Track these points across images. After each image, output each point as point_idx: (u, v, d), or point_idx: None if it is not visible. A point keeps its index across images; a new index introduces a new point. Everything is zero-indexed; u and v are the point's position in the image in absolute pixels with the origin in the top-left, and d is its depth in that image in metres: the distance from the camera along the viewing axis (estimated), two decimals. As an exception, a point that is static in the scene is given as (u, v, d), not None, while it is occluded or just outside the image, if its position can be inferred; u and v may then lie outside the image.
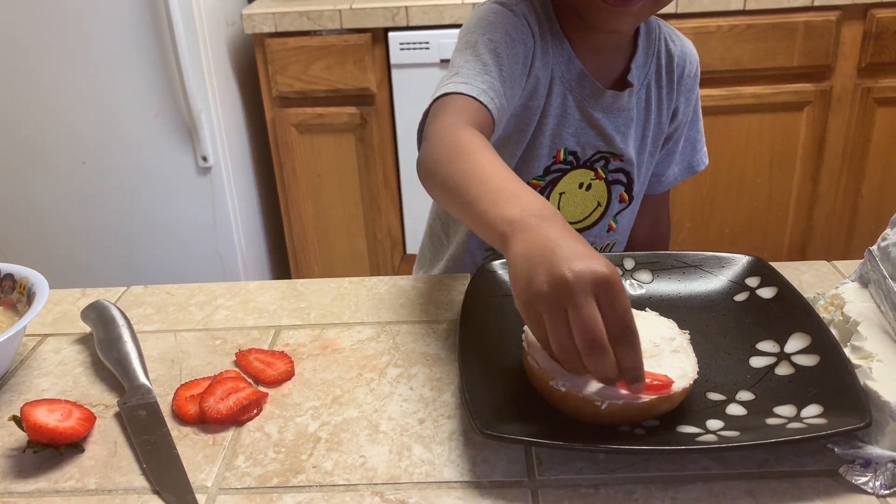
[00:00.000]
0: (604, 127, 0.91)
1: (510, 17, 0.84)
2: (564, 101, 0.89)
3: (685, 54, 0.96)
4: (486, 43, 0.81)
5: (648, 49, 0.93)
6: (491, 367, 0.64)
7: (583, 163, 0.92)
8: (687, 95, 0.98)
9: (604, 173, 0.94)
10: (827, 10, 1.86)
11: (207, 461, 0.59)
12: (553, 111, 0.89)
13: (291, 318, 0.78)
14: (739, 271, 0.74)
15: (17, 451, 0.61)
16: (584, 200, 0.95)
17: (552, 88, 0.88)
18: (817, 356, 0.62)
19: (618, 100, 0.90)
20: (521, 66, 0.83)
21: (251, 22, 1.88)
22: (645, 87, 0.93)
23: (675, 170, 1.03)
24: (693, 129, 1.03)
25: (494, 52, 0.80)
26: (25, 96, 1.81)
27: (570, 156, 0.92)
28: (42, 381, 0.70)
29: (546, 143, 0.90)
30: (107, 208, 1.93)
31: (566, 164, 0.92)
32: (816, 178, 2.03)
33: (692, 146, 1.03)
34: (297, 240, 2.12)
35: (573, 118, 0.90)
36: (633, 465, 0.57)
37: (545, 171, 0.92)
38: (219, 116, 1.87)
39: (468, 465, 0.58)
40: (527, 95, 0.87)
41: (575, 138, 0.91)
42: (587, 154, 0.92)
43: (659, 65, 0.94)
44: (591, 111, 0.90)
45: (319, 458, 0.59)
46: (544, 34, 0.86)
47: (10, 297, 0.75)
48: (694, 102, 1.01)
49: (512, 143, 0.90)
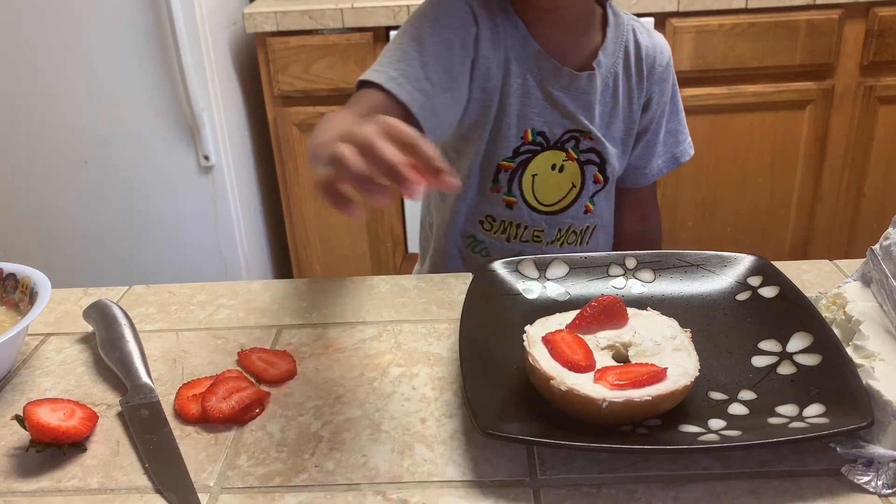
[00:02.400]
0: (566, 105, 0.92)
1: (444, 3, 0.87)
2: (525, 81, 0.91)
3: (655, 46, 0.98)
4: (412, 31, 0.86)
5: (616, 40, 0.95)
6: (492, 367, 0.64)
7: (553, 144, 0.94)
8: (661, 86, 0.99)
9: (575, 153, 0.95)
10: (829, 8, 1.85)
11: (210, 460, 0.59)
12: (515, 91, 0.91)
13: (293, 318, 0.79)
14: (742, 271, 0.74)
15: (19, 450, 0.61)
16: (559, 182, 0.97)
17: (509, 69, 0.90)
18: (819, 355, 0.62)
19: (576, 80, 0.92)
20: (457, 50, 0.86)
21: (253, 21, 1.88)
22: (612, 76, 0.95)
23: (658, 162, 1.04)
24: (674, 120, 1.04)
25: (417, 39, 0.84)
26: (28, 96, 1.81)
27: (538, 136, 0.93)
28: (44, 380, 0.70)
29: (513, 124, 0.92)
30: (109, 207, 1.93)
31: (535, 144, 0.94)
32: (818, 177, 2.03)
33: (674, 138, 1.04)
34: (298, 239, 2.12)
35: (536, 98, 0.92)
36: (635, 464, 0.57)
37: (514, 152, 0.94)
38: (220, 115, 1.87)
39: (470, 464, 0.58)
40: (481, 78, 0.89)
41: (541, 118, 0.93)
42: (556, 134, 0.94)
43: (627, 55, 0.96)
44: (552, 90, 0.92)
45: (321, 458, 0.59)
46: (494, 16, 0.89)
47: (12, 296, 0.75)
48: (670, 94, 1.02)
49: (479, 126, 0.93)
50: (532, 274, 0.76)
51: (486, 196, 0.97)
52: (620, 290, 0.75)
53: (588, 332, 0.65)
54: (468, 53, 0.87)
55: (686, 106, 1.96)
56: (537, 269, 0.77)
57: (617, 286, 0.76)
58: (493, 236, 0.99)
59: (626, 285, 0.76)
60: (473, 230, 0.99)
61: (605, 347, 0.63)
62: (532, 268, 0.77)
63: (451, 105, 0.87)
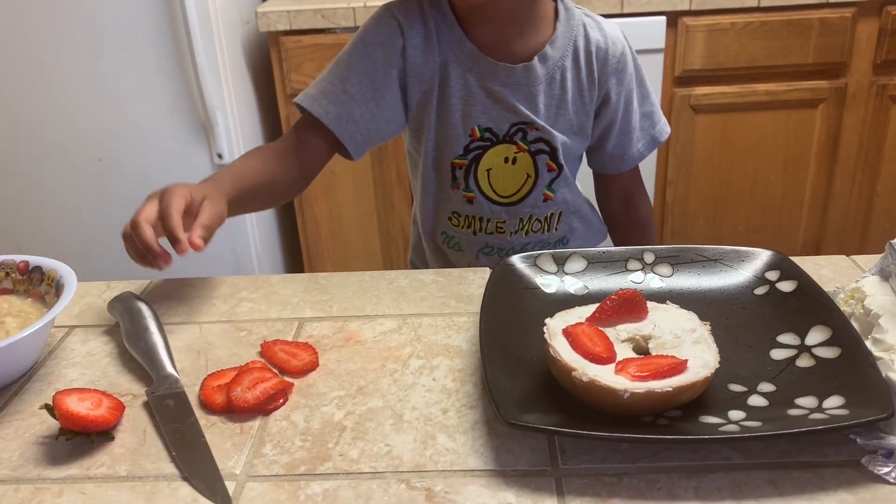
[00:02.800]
0: (507, 99, 0.95)
1: (372, 22, 0.95)
2: (465, 81, 0.95)
3: (607, 39, 0.99)
4: (340, 55, 0.96)
5: (567, 34, 0.97)
6: (513, 359, 0.65)
7: (502, 138, 0.97)
8: (618, 76, 1.00)
9: (525, 145, 0.98)
10: (842, 6, 1.85)
11: (235, 449, 0.60)
12: (455, 92, 0.95)
13: (314, 311, 0.79)
14: (759, 265, 0.75)
15: (49, 438, 0.62)
16: (514, 174, 1.00)
17: (448, 71, 0.95)
18: (838, 348, 0.63)
19: (511, 73, 0.95)
20: (382, 62, 0.94)
21: (266, 20, 1.89)
22: (559, 69, 0.97)
23: (638, 146, 1.06)
24: (646, 103, 1.05)
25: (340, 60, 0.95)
26: (43, 95, 1.82)
27: (486, 132, 0.97)
28: (70, 371, 0.71)
29: (458, 123, 0.96)
30: (123, 205, 1.93)
31: (485, 140, 0.97)
32: (831, 176, 2.03)
33: (650, 120, 1.06)
34: (310, 237, 2.13)
35: (478, 96, 0.95)
36: (656, 454, 0.58)
37: (465, 149, 0.98)
38: (234, 114, 1.89)
39: (492, 454, 0.59)
40: (415, 84, 0.95)
41: (486, 114, 0.96)
42: (503, 128, 0.97)
43: (576, 49, 0.98)
44: (492, 86, 0.95)
45: (345, 447, 0.60)
46: (428, 23, 0.94)
47: (38, 289, 0.76)
48: (632, 82, 1.02)
49: (424, 126, 0.98)
50: (550, 268, 0.77)
51: (448, 194, 1.01)
52: (639, 284, 0.76)
53: (608, 324, 0.65)
54: (393, 64, 0.94)
55: (698, 105, 1.98)
56: (555, 263, 0.77)
57: (635, 280, 0.76)
58: (461, 231, 1.03)
59: (645, 280, 0.76)
60: (444, 227, 1.04)
61: (625, 340, 0.64)
62: (550, 262, 0.77)
63: (378, 113, 0.95)
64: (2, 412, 0.66)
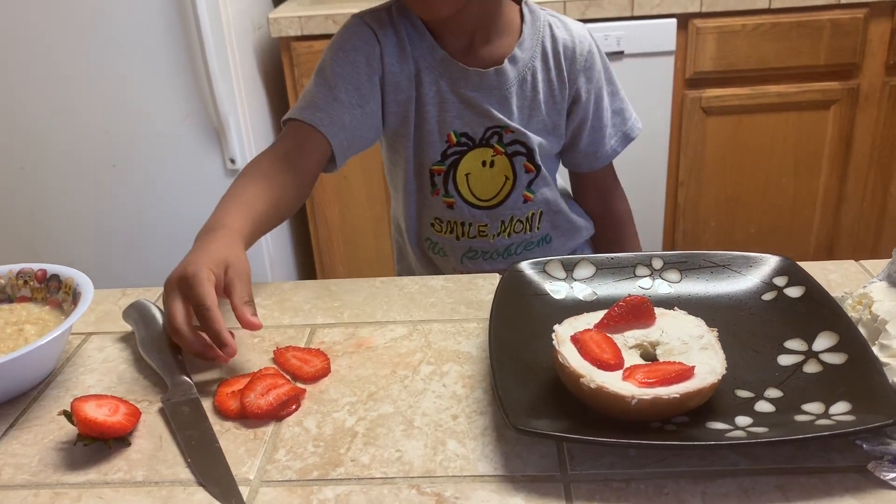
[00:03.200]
0: (480, 103, 0.97)
1: (346, 31, 0.96)
2: (438, 87, 0.96)
3: (573, 38, 1.01)
4: (319, 66, 0.96)
5: (533, 36, 0.99)
6: (522, 365, 0.65)
7: (479, 142, 0.99)
8: (587, 74, 1.01)
9: (501, 147, 0.99)
10: (854, 7, 1.85)
11: (249, 455, 0.61)
12: (430, 99, 0.97)
13: (326, 317, 0.80)
14: (767, 271, 0.75)
15: (67, 444, 0.63)
16: (493, 177, 1.01)
17: (421, 78, 0.96)
18: (845, 354, 0.63)
19: (483, 77, 0.96)
20: (365, 68, 0.94)
21: (277, 26, 1.91)
22: (529, 70, 0.98)
23: (611, 143, 1.07)
24: (616, 100, 1.06)
25: (321, 70, 0.95)
26: (59, 102, 1.85)
27: (462, 137, 0.98)
28: (87, 377, 0.73)
29: (434, 130, 0.98)
30: (136, 210, 1.96)
31: (461, 145, 0.99)
32: (843, 178, 2.02)
33: (621, 116, 1.07)
34: (322, 241, 2.14)
35: (452, 101, 0.97)
36: (664, 460, 0.58)
37: (442, 155, 0.99)
38: (246, 119, 1.90)
39: (501, 459, 0.59)
40: (392, 92, 0.96)
41: (460, 119, 0.97)
42: (478, 133, 0.98)
43: (544, 50, 0.99)
44: (465, 91, 0.97)
45: (357, 452, 0.61)
46: (399, 32, 0.96)
47: (55, 296, 0.77)
48: (601, 80, 1.03)
49: (401, 136, 0.99)
50: (559, 274, 0.78)
51: (429, 200, 1.02)
52: (647, 290, 0.76)
53: (616, 331, 0.66)
54: (374, 70, 0.95)
55: (709, 106, 1.98)
56: (564, 269, 0.78)
57: (644, 286, 0.77)
58: (444, 236, 1.05)
59: (653, 286, 0.77)
60: (428, 233, 1.06)
61: (633, 346, 0.65)
62: (559, 268, 0.78)
63: (363, 119, 0.95)
64: (22, 418, 0.67)
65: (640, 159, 1.84)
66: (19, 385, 0.70)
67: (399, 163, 1.02)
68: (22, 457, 0.62)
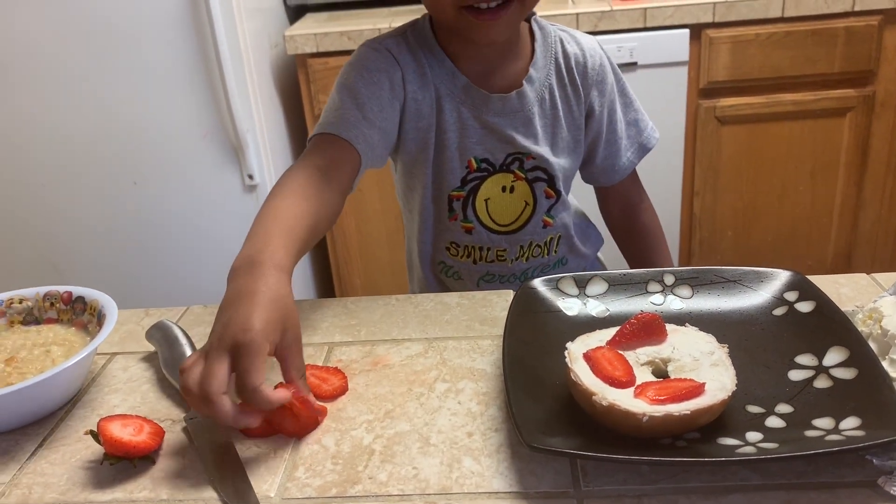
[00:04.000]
0: (503, 129, 0.96)
1: (370, 52, 0.94)
2: (459, 114, 0.95)
3: (584, 51, 1.00)
4: (343, 81, 0.93)
5: (546, 53, 0.98)
6: (535, 382, 0.66)
7: (499, 167, 0.98)
8: (600, 88, 1.01)
9: (522, 173, 0.98)
10: (868, 14, 1.84)
11: (269, 472, 0.63)
12: (450, 126, 0.95)
13: (343, 335, 0.82)
14: (778, 286, 0.76)
15: (94, 463, 0.65)
16: (512, 203, 1.00)
17: (441, 105, 0.95)
18: (856, 369, 0.64)
19: (507, 102, 0.95)
20: (388, 92, 0.92)
21: (293, 43, 1.94)
22: (547, 89, 0.98)
23: (627, 155, 1.06)
24: (630, 111, 1.06)
25: (349, 87, 0.92)
26: (79, 120, 1.88)
27: (482, 163, 0.97)
28: (112, 397, 0.75)
29: (454, 157, 0.97)
30: (157, 227, 2.00)
31: (482, 171, 0.98)
32: (860, 185, 2.01)
33: (636, 127, 1.06)
34: (339, 254, 2.17)
35: (473, 128, 0.96)
36: (675, 476, 0.59)
37: (462, 181, 0.98)
38: (264, 135, 1.93)
39: (516, 476, 0.61)
40: (413, 118, 0.95)
41: (481, 146, 0.97)
42: (499, 158, 0.97)
43: (558, 66, 0.99)
44: (487, 117, 0.96)
45: (374, 470, 0.62)
46: (419, 58, 0.94)
47: (81, 318, 0.80)
48: (613, 92, 1.03)
49: (420, 162, 0.98)
50: (572, 291, 0.79)
51: (446, 225, 1.01)
52: (659, 306, 0.77)
53: (628, 348, 0.67)
54: (396, 95, 0.93)
55: (724, 116, 1.98)
56: (577, 286, 0.79)
57: (656, 302, 0.78)
58: (460, 261, 1.04)
59: (665, 301, 0.78)
60: (442, 257, 1.05)
61: (644, 363, 0.66)
62: (572, 285, 0.79)
63: (381, 140, 0.92)
64: (50, 438, 0.69)
65: (656, 169, 1.84)
66: (47, 405, 0.72)
67: (416, 187, 1.01)
68: (50, 476, 0.64)
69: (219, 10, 1.74)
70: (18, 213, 1.99)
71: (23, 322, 0.81)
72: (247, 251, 0.71)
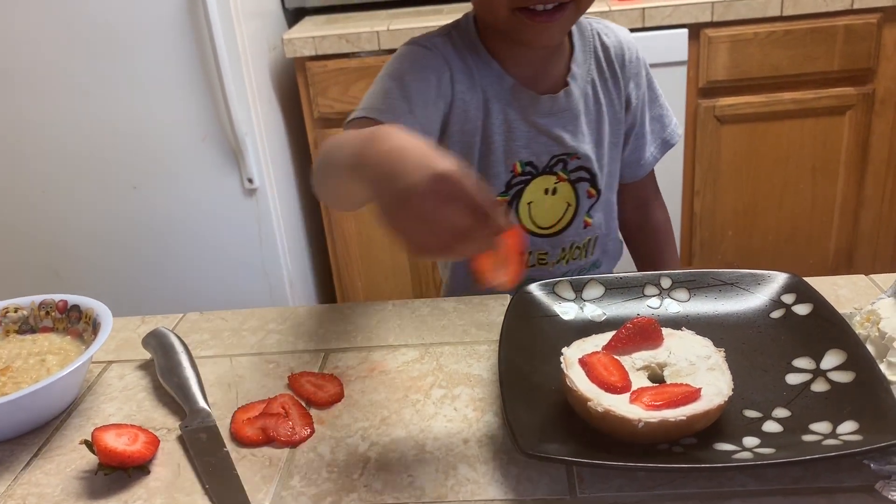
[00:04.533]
0: (552, 130, 0.94)
1: (419, 50, 0.91)
2: (506, 116, 0.93)
3: (621, 43, 1.00)
4: (391, 73, 0.89)
5: (585, 48, 0.97)
6: (531, 388, 0.66)
7: (542, 170, 0.96)
8: (636, 80, 1.01)
9: (565, 175, 0.97)
10: (867, 12, 1.84)
11: (265, 481, 0.63)
12: (496, 129, 0.93)
13: (339, 342, 0.82)
14: (775, 288, 0.76)
15: (88, 473, 0.65)
16: (554, 205, 0.99)
17: (489, 108, 0.92)
18: (853, 373, 0.63)
19: (555, 102, 0.94)
20: (435, 90, 0.89)
21: (292, 46, 1.94)
22: (590, 84, 0.97)
23: (651, 150, 1.06)
24: (656, 106, 1.05)
25: (398, 78, 0.88)
26: (78, 125, 1.88)
27: (527, 166, 0.96)
28: (108, 405, 0.75)
29: (500, 161, 0.94)
30: (156, 231, 2.00)
31: (525, 174, 0.96)
32: (861, 183, 2.01)
33: (660, 123, 1.06)
34: (340, 256, 2.16)
35: (520, 130, 0.94)
36: (672, 482, 0.59)
37: (507, 186, 0.96)
38: (263, 139, 1.93)
39: (512, 483, 0.60)
40: (459, 120, 0.92)
41: (528, 149, 0.95)
42: (543, 161, 0.96)
43: (598, 60, 0.98)
44: (535, 119, 0.94)
45: (370, 478, 0.62)
46: (465, 60, 0.92)
47: (76, 327, 0.79)
48: (646, 84, 1.03)
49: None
50: (568, 295, 0.78)
51: None
52: (656, 309, 0.77)
53: (624, 353, 0.67)
54: (443, 94, 0.90)
55: (723, 115, 1.97)
56: (573, 290, 0.79)
57: (652, 306, 0.77)
58: None
59: (662, 305, 0.77)
60: None
61: (640, 368, 0.65)
62: (568, 289, 0.79)
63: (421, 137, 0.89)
64: (45, 447, 0.69)
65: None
66: (42, 415, 0.72)
67: None
68: (45, 486, 0.64)
69: (217, 13, 1.74)
70: (18, 219, 1.99)
71: (18, 331, 0.81)
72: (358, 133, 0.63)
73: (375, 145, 0.58)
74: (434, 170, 0.53)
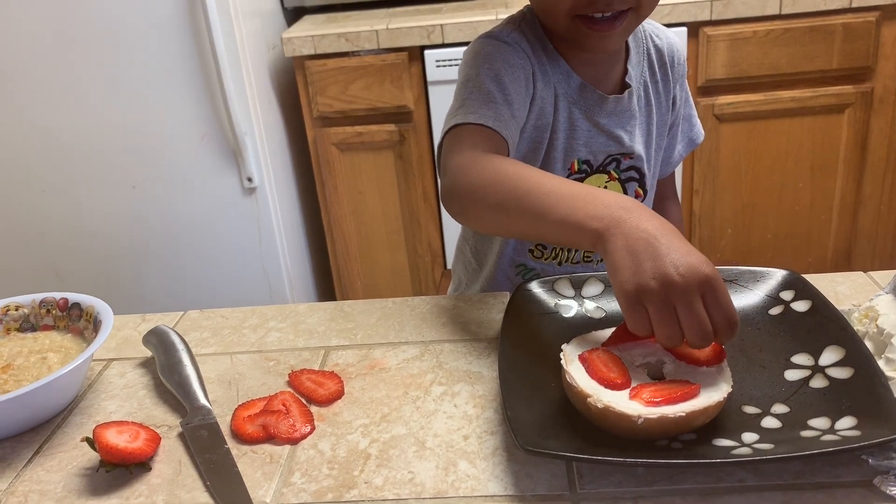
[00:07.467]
0: (612, 130, 0.95)
1: (503, 46, 0.89)
2: (570, 114, 0.93)
3: (671, 46, 1.01)
4: (486, 72, 0.86)
5: (638, 50, 0.98)
6: (531, 385, 0.66)
7: (596, 168, 0.97)
8: (680, 82, 1.03)
9: (616, 174, 0.98)
10: (866, 10, 1.84)
11: (266, 478, 0.63)
12: (561, 126, 0.93)
13: (339, 339, 0.82)
14: (774, 285, 0.76)
15: (90, 470, 0.65)
16: None
17: (557, 105, 0.93)
18: (851, 369, 0.63)
19: (620, 102, 0.95)
20: (525, 89, 0.88)
21: (291, 45, 1.94)
22: (642, 86, 0.98)
23: (679, 148, 1.08)
24: (687, 106, 1.07)
25: (496, 79, 0.86)
26: (77, 125, 1.89)
27: (584, 165, 0.96)
28: (109, 403, 0.75)
29: (560, 158, 0.95)
30: (156, 230, 2.00)
31: (581, 172, 0.97)
32: (860, 181, 2.01)
33: (689, 122, 1.08)
34: (340, 256, 2.17)
35: (582, 129, 0.94)
36: (671, 477, 0.59)
37: None
38: (262, 138, 1.93)
39: (512, 479, 0.60)
40: (535, 116, 0.92)
41: (587, 147, 0.95)
42: (599, 160, 0.97)
43: (651, 62, 0.99)
44: (598, 118, 0.94)
45: (370, 474, 0.62)
46: (539, 56, 0.92)
47: (77, 324, 0.80)
48: (685, 86, 1.06)
49: (528, 161, 0.95)
50: (568, 292, 0.79)
51: None
52: (655, 306, 0.77)
53: (624, 349, 0.67)
54: (529, 92, 0.90)
55: (722, 114, 1.98)
56: (573, 287, 0.79)
57: (651, 303, 0.78)
58: (544, 262, 1.01)
59: None
60: (523, 259, 1.02)
61: (640, 365, 0.65)
62: (568, 286, 0.79)
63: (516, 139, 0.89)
64: (46, 445, 0.69)
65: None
66: (43, 412, 0.72)
67: None
68: (47, 483, 0.64)
69: (216, 12, 1.74)
70: (18, 219, 1.99)
71: (19, 329, 0.81)
72: (596, 200, 0.65)
73: (633, 220, 0.62)
74: (702, 273, 0.58)
